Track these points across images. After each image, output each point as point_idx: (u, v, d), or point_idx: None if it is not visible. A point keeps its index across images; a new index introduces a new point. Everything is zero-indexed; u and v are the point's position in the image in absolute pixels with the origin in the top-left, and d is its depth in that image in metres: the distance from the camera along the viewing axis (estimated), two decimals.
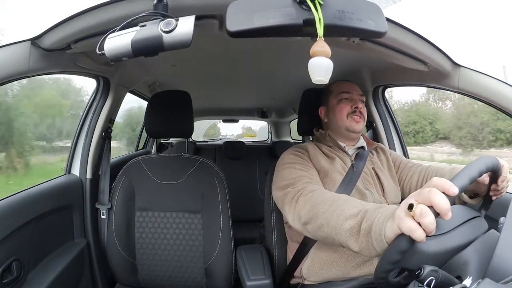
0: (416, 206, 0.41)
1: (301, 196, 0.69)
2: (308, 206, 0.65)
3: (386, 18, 0.46)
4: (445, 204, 0.40)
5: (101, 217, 1.06)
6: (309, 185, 0.73)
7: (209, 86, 1.63)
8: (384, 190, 0.85)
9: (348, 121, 0.89)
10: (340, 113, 0.90)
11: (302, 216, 0.66)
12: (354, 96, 0.91)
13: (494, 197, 0.61)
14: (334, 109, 0.91)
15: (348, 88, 0.92)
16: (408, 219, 0.42)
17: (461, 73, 0.83)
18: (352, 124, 0.89)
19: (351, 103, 0.90)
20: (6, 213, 0.72)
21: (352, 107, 0.89)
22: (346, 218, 0.56)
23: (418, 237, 0.40)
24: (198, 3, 0.53)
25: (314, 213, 0.63)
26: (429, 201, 0.41)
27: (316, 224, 0.62)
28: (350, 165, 0.86)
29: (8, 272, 0.71)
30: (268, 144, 2.89)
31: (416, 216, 0.41)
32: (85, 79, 1.03)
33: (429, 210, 0.40)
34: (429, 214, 0.40)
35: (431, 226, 0.40)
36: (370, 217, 0.52)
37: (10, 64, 0.61)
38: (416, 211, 0.41)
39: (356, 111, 0.89)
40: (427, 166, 0.89)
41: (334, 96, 0.93)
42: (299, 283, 0.84)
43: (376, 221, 0.49)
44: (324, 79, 0.42)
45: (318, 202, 0.64)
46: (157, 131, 1.10)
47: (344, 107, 0.90)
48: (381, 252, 0.48)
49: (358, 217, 0.54)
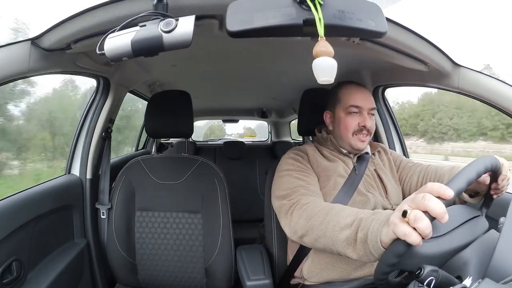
0: (410, 212, 0.41)
1: (295, 210, 0.70)
2: (302, 219, 0.66)
3: (386, 18, 0.46)
4: (439, 208, 0.40)
5: (101, 217, 1.06)
6: (303, 197, 0.72)
7: (209, 86, 1.63)
8: (387, 191, 0.85)
9: (353, 139, 0.84)
10: (346, 129, 0.84)
11: (298, 229, 0.67)
12: (364, 112, 0.84)
13: (494, 195, 0.61)
14: (340, 121, 0.86)
15: (360, 102, 0.84)
16: (403, 224, 0.42)
17: (461, 73, 0.83)
18: (356, 143, 0.84)
19: (359, 118, 0.83)
20: (6, 213, 0.72)
21: (359, 125, 0.83)
22: (341, 228, 0.56)
23: (413, 241, 0.41)
24: (198, 3, 0.53)
25: (309, 226, 0.63)
26: (423, 207, 0.41)
27: (313, 236, 0.63)
28: (352, 168, 0.85)
29: (8, 272, 0.71)
30: (268, 144, 2.89)
31: (411, 222, 0.41)
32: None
33: (423, 215, 0.40)
34: (424, 219, 0.40)
35: (426, 230, 0.40)
36: (365, 225, 0.52)
37: (10, 64, 0.61)
38: (410, 217, 0.41)
39: (363, 130, 0.83)
40: (426, 165, 0.89)
41: (342, 106, 0.86)
42: (300, 284, 0.84)
43: (372, 228, 0.50)
44: (330, 78, 0.41)
45: (312, 214, 0.64)
46: (157, 131, 1.10)
47: (351, 123, 0.83)
48: (379, 256, 0.49)
49: (353, 227, 0.54)
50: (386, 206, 0.81)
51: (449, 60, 0.81)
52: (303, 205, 0.69)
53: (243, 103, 2.32)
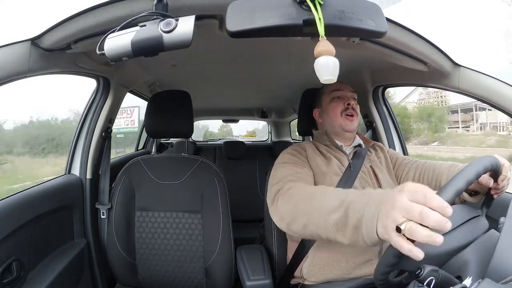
0: (404, 227, 0.39)
1: (280, 196, 0.69)
2: (288, 206, 0.65)
3: (386, 18, 0.46)
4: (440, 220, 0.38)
5: (101, 217, 1.06)
6: (289, 183, 0.71)
7: (209, 86, 1.63)
8: (382, 188, 0.85)
9: (342, 119, 0.89)
10: (334, 112, 0.90)
11: (285, 216, 0.66)
12: (346, 94, 0.92)
13: (495, 195, 0.61)
14: (328, 108, 0.92)
15: (339, 86, 0.93)
16: (400, 240, 0.40)
17: (461, 73, 0.83)
18: (346, 123, 0.89)
19: (343, 100, 0.90)
20: (6, 213, 0.72)
21: (344, 104, 0.90)
22: (329, 212, 0.54)
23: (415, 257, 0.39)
24: (198, 3, 0.53)
25: (295, 213, 0.62)
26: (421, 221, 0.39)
27: (300, 223, 0.61)
28: (347, 165, 0.85)
29: (8, 272, 0.71)
30: (268, 144, 2.89)
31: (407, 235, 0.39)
32: None
33: (419, 227, 0.38)
34: (420, 230, 0.38)
35: (427, 238, 0.38)
36: (356, 209, 0.50)
37: (10, 64, 0.61)
38: (406, 233, 0.39)
39: (348, 108, 0.89)
40: (423, 162, 0.89)
41: (326, 96, 0.94)
42: (299, 283, 0.84)
43: (366, 216, 0.47)
44: (333, 77, 0.41)
45: (296, 200, 0.64)
46: (157, 131, 1.10)
47: (337, 106, 0.90)
48: (372, 244, 0.48)
49: (341, 210, 0.52)
50: None
51: (449, 60, 0.81)
52: (287, 190, 0.68)
53: (243, 103, 2.32)
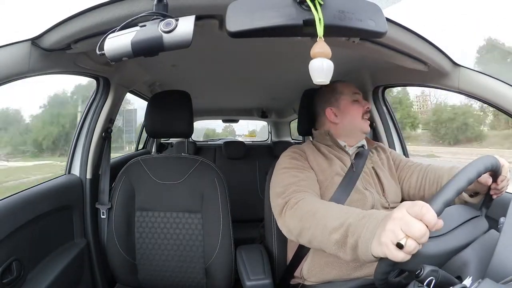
0: (406, 244, 0.41)
1: (287, 210, 0.70)
2: (294, 220, 0.67)
3: (386, 18, 0.46)
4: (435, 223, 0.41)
5: (101, 217, 1.06)
6: (294, 195, 0.72)
7: (209, 86, 1.63)
8: (384, 189, 0.85)
9: (363, 123, 0.91)
10: (357, 114, 0.91)
11: (292, 230, 0.67)
12: (361, 98, 0.94)
13: (494, 196, 0.61)
14: (349, 110, 0.91)
15: (357, 89, 0.95)
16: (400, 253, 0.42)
17: (461, 73, 0.83)
18: (365, 126, 0.91)
19: (361, 104, 0.92)
20: (6, 213, 0.72)
21: (364, 108, 0.92)
22: (330, 232, 0.56)
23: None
24: (198, 3, 0.53)
25: (301, 228, 0.64)
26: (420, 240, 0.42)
27: (306, 238, 0.64)
28: (350, 165, 0.85)
29: (8, 272, 0.71)
30: (268, 144, 2.89)
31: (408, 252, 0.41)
32: None
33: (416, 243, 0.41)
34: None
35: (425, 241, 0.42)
36: (354, 231, 0.52)
37: (10, 64, 0.61)
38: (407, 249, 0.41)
39: (367, 112, 0.92)
40: (426, 165, 0.89)
41: (346, 97, 0.92)
42: (299, 283, 0.84)
43: (363, 237, 0.50)
44: (326, 80, 0.42)
45: (302, 216, 0.65)
46: (157, 131, 1.10)
47: (358, 109, 0.91)
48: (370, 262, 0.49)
49: (341, 231, 0.54)
50: (383, 204, 0.82)
51: (449, 60, 0.81)
52: (294, 205, 0.69)
53: (243, 103, 2.32)
